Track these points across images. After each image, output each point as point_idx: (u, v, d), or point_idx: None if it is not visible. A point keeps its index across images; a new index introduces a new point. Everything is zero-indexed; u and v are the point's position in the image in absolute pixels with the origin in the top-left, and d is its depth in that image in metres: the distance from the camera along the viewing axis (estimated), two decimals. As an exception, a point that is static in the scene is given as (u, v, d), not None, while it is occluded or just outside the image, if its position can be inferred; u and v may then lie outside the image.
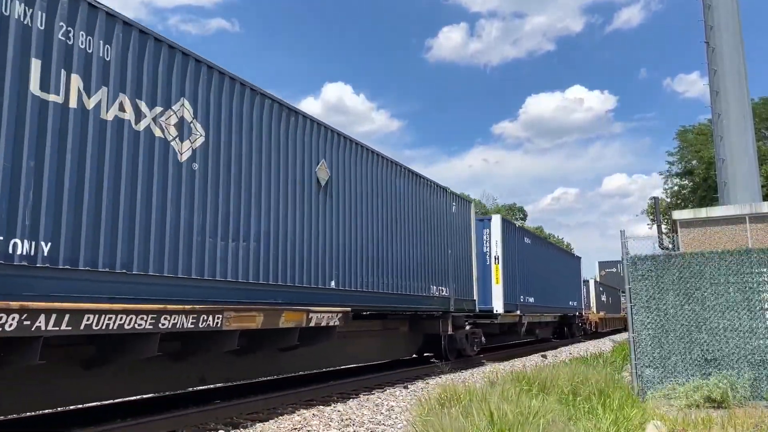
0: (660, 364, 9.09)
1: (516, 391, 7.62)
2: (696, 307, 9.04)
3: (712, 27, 23.49)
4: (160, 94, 6.93)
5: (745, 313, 8.80)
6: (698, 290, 9.07)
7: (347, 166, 10.90)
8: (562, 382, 8.59)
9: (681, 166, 49.80)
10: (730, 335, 8.82)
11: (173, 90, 7.13)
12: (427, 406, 7.46)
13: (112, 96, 6.32)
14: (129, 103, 6.52)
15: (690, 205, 44.98)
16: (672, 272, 9.24)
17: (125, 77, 6.51)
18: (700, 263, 9.14)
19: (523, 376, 9.20)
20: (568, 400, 7.68)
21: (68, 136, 5.79)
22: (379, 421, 7.91)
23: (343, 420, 7.96)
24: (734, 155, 22.07)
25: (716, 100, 23.06)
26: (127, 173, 6.42)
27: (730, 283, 8.94)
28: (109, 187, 6.19)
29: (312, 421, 7.82)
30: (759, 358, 8.64)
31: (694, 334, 8.98)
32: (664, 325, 9.16)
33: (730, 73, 22.86)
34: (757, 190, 21.62)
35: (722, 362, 8.78)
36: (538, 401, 6.81)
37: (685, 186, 49.94)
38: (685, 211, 18.87)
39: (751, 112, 23.43)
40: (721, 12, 23.43)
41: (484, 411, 6.19)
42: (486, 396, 7.02)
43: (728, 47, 23.12)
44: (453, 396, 7.52)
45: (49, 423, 7.42)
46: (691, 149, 47.59)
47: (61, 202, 5.67)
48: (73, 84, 5.89)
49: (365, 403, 9.43)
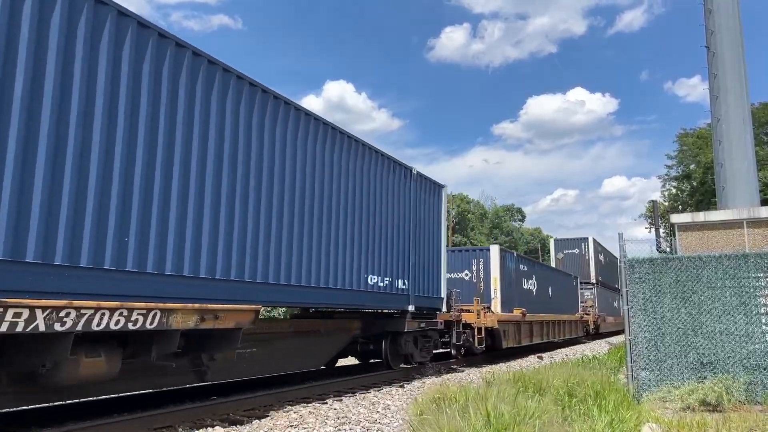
0: (656, 366, 9.11)
1: (512, 391, 7.64)
2: (692, 310, 9.06)
3: (713, 32, 23.52)
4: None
5: (742, 317, 8.82)
6: (695, 294, 9.09)
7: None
8: (558, 384, 8.61)
9: (680, 170, 49.93)
10: (726, 339, 8.84)
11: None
12: (424, 406, 7.48)
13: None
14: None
15: (687, 208, 45.07)
16: (669, 275, 9.26)
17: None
18: (697, 267, 9.16)
19: (519, 376, 9.22)
20: (564, 402, 7.70)
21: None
22: (375, 420, 7.93)
23: (339, 418, 7.98)
24: (733, 159, 22.10)
25: (716, 104, 23.09)
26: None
27: (727, 287, 8.97)
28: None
29: (308, 419, 7.84)
30: (754, 363, 8.67)
31: (690, 338, 9.00)
32: (661, 327, 9.18)
33: (731, 78, 22.90)
34: (755, 194, 21.66)
35: (718, 366, 8.80)
36: (534, 402, 6.83)
37: (683, 189, 50.07)
38: (683, 214, 18.90)
39: (750, 117, 23.48)
40: (722, 17, 23.46)
41: (481, 411, 6.21)
42: (483, 396, 7.04)
43: (729, 52, 23.15)
44: (450, 396, 7.53)
45: (43, 417, 7.42)
46: (690, 153, 47.72)
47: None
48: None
49: (361, 402, 9.44)
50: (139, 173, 6.49)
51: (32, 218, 5.40)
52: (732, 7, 23.51)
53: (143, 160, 6.55)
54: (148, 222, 6.57)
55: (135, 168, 6.45)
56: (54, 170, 5.62)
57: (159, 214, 6.71)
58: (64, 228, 5.65)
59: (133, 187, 6.42)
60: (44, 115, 5.56)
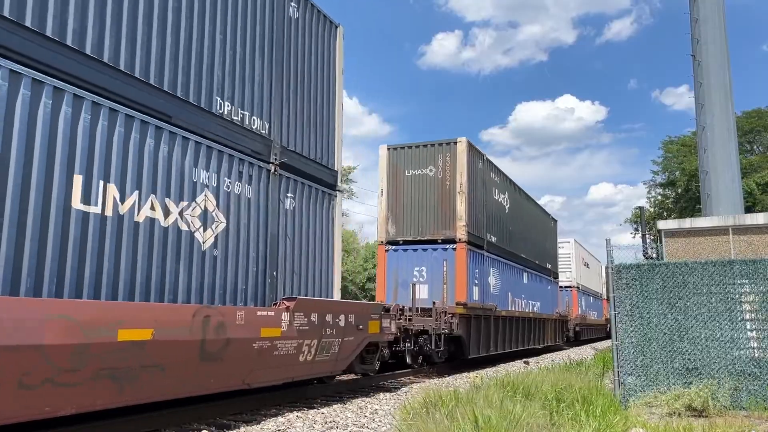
0: (642, 372, 9.17)
1: (500, 396, 7.65)
2: (679, 316, 9.13)
3: (699, 41, 23.80)
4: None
5: (727, 323, 8.91)
6: (681, 300, 9.17)
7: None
8: (545, 388, 8.64)
9: (665, 176, 50.48)
10: (712, 345, 8.92)
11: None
12: (412, 410, 7.47)
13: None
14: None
15: (672, 215, 45.54)
16: (656, 281, 9.33)
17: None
18: (683, 273, 9.24)
19: (507, 381, 9.24)
20: (552, 406, 7.72)
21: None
22: (363, 424, 7.89)
23: (327, 422, 7.94)
24: (718, 167, 22.36)
25: (701, 112, 23.35)
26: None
27: (713, 294, 9.05)
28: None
29: (296, 423, 7.79)
30: (739, 368, 8.75)
31: (676, 343, 9.07)
32: (647, 333, 9.25)
33: (716, 87, 23.17)
34: (739, 202, 21.92)
35: (703, 371, 8.88)
36: (522, 407, 6.84)
37: (668, 196, 50.63)
38: (670, 221, 19.08)
39: (735, 125, 23.77)
40: (708, 26, 23.75)
41: (469, 415, 6.21)
42: (471, 400, 7.04)
43: (714, 61, 23.44)
44: (437, 400, 7.53)
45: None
46: (675, 160, 48.27)
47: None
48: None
49: (349, 406, 9.40)
50: None
51: None
52: (717, 17, 23.82)
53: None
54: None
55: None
56: None
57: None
58: None
59: None
60: None
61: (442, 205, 16.59)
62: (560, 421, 6.98)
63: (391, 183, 17.23)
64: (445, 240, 16.36)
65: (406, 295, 15.57)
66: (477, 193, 17.53)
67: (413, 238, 16.76)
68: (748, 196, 35.97)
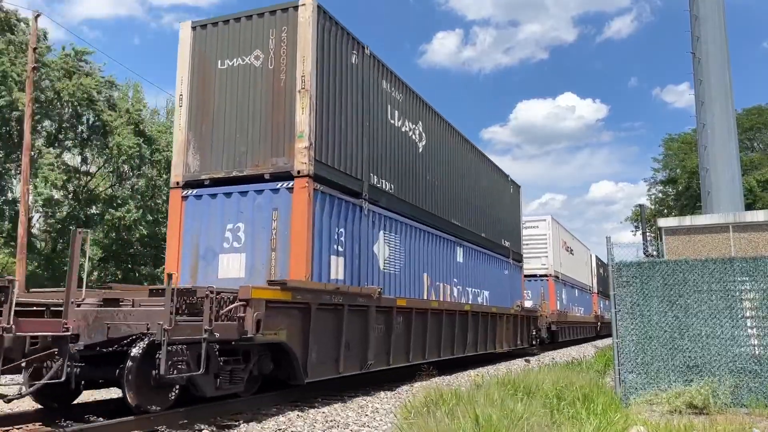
0: (643, 369, 9.16)
1: (501, 394, 7.66)
2: (679, 314, 9.13)
3: (699, 38, 23.78)
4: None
5: (727, 320, 8.90)
6: (681, 297, 9.16)
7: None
8: (546, 387, 8.64)
9: (666, 174, 50.53)
10: (712, 342, 8.92)
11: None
12: (413, 409, 7.47)
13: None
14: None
15: (673, 212, 45.55)
16: (656, 279, 9.32)
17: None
18: (684, 270, 9.23)
19: (508, 380, 9.24)
20: (552, 404, 7.73)
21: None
22: (364, 423, 7.89)
23: (328, 421, 7.94)
24: (718, 165, 22.36)
25: (702, 110, 23.34)
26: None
27: (713, 291, 9.05)
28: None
29: (297, 422, 7.79)
30: (740, 366, 8.74)
31: (677, 341, 9.07)
32: (648, 331, 9.24)
33: (716, 84, 23.16)
34: (739, 199, 21.92)
35: (704, 369, 8.87)
36: (522, 405, 6.84)
37: (668, 193, 50.66)
38: (670, 218, 19.07)
39: (735, 123, 23.77)
40: (708, 23, 23.73)
41: (470, 414, 6.21)
42: (472, 399, 7.04)
43: (714, 58, 23.42)
44: (438, 398, 7.53)
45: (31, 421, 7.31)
46: (675, 158, 48.29)
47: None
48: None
49: (350, 405, 9.40)
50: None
51: None
52: (717, 15, 23.80)
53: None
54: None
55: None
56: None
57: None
58: None
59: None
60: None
61: (275, 115, 9.98)
62: (561, 419, 6.98)
63: (196, 84, 10.74)
64: (275, 175, 9.81)
65: (212, 272, 9.95)
66: (345, 99, 10.96)
67: (226, 174, 10.13)
68: (748, 194, 35.98)
